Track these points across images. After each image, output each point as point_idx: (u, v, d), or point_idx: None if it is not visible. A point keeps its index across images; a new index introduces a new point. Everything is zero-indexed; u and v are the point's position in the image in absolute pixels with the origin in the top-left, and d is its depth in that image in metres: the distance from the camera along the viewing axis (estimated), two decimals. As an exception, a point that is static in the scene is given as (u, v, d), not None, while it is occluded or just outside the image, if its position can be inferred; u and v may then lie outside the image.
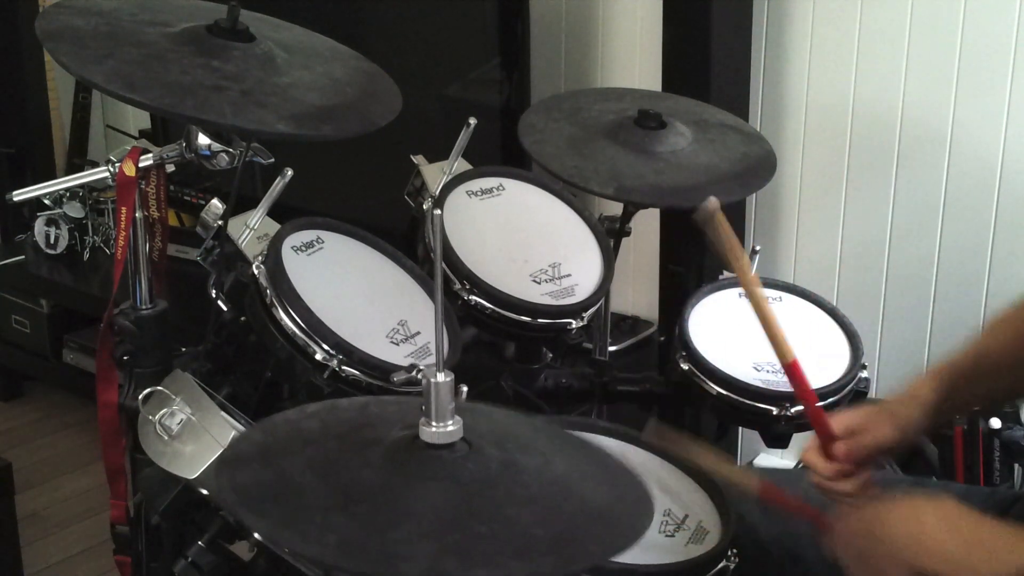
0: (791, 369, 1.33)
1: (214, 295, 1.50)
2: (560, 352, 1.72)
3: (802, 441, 1.79)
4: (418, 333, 1.51)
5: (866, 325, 2.17)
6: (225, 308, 1.50)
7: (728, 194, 1.74)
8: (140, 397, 1.43)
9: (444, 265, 1.55)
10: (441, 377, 0.99)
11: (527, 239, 1.69)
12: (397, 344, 1.49)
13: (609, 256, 1.71)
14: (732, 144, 1.77)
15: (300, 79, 1.43)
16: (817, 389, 1.52)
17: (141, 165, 1.48)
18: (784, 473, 1.60)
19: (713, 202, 1.30)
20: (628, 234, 1.78)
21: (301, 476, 0.98)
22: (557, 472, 1.04)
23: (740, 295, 1.68)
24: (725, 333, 1.61)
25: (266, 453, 1.04)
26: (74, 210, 3.00)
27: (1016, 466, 1.89)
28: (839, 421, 1.31)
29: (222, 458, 1.07)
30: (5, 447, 2.90)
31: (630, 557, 1.21)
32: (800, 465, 1.95)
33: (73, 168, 3.30)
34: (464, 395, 1.17)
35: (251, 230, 1.54)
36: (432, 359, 1.42)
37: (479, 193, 1.71)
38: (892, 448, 1.30)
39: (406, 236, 1.71)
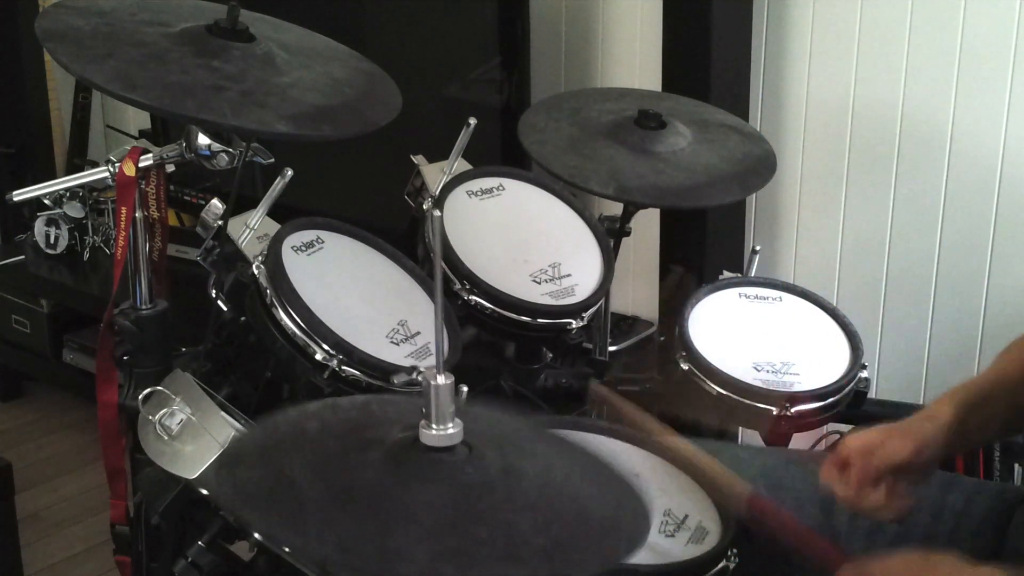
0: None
1: (214, 295, 1.50)
2: (560, 352, 1.72)
3: (802, 441, 1.79)
4: (418, 333, 1.51)
5: (866, 325, 2.17)
6: (225, 308, 1.50)
7: (728, 194, 1.74)
8: (140, 397, 1.43)
9: (444, 265, 1.55)
10: (441, 379, 0.99)
11: (527, 239, 1.69)
12: (397, 344, 1.48)
13: (609, 256, 1.71)
14: (732, 144, 1.77)
15: (300, 79, 1.43)
16: (817, 389, 1.53)
17: (141, 165, 1.49)
18: (793, 455, 1.58)
19: (596, 386, 1.27)
20: (628, 234, 1.78)
21: (301, 475, 0.98)
22: (557, 479, 1.04)
23: (740, 295, 1.68)
24: (725, 333, 1.61)
25: (266, 452, 1.04)
26: (74, 210, 3.00)
27: (1016, 466, 1.89)
28: (853, 441, 1.30)
29: (222, 457, 1.07)
30: (5, 447, 2.90)
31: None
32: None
33: (73, 168, 3.30)
34: (464, 396, 1.17)
35: (251, 230, 1.54)
36: (432, 359, 1.42)
37: (479, 193, 1.71)
38: (907, 465, 1.29)
39: (406, 236, 1.71)
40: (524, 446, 1.08)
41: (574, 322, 1.60)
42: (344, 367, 1.39)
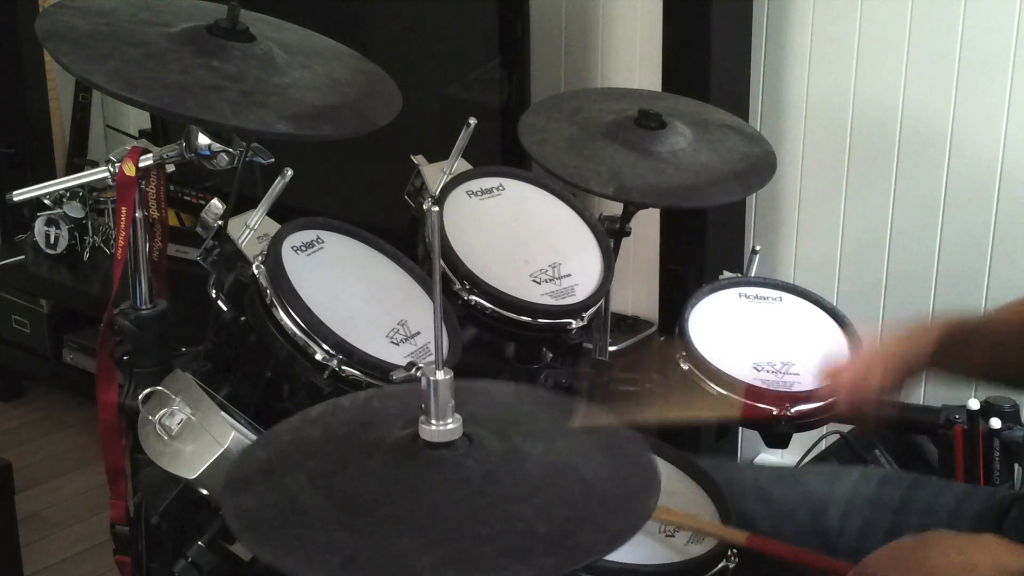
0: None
1: (214, 295, 1.50)
2: (560, 352, 1.72)
3: (802, 441, 1.80)
4: (418, 333, 1.51)
5: (866, 325, 2.17)
6: (225, 308, 1.49)
7: (728, 194, 1.74)
8: (140, 397, 1.43)
9: (444, 265, 1.55)
10: (440, 375, 0.99)
11: (527, 239, 1.69)
12: (397, 344, 1.48)
13: (609, 256, 1.71)
14: (732, 144, 1.77)
15: (300, 79, 1.43)
16: (817, 389, 1.53)
17: (141, 165, 1.48)
18: (784, 471, 1.60)
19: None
20: (628, 234, 1.78)
21: (303, 493, 0.98)
22: (560, 456, 1.04)
23: (740, 295, 1.68)
24: (725, 333, 1.61)
25: (269, 470, 1.04)
26: (74, 210, 3.00)
27: (1016, 466, 1.89)
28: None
29: (228, 480, 1.06)
30: (5, 447, 2.90)
31: (630, 557, 1.21)
32: (800, 464, 1.95)
33: (73, 168, 3.30)
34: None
35: (251, 230, 1.54)
36: (432, 359, 1.42)
37: (479, 193, 1.71)
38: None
39: (406, 236, 1.71)
40: (525, 424, 1.08)
41: (574, 322, 1.60)
42: (344, 367, 1.39)
